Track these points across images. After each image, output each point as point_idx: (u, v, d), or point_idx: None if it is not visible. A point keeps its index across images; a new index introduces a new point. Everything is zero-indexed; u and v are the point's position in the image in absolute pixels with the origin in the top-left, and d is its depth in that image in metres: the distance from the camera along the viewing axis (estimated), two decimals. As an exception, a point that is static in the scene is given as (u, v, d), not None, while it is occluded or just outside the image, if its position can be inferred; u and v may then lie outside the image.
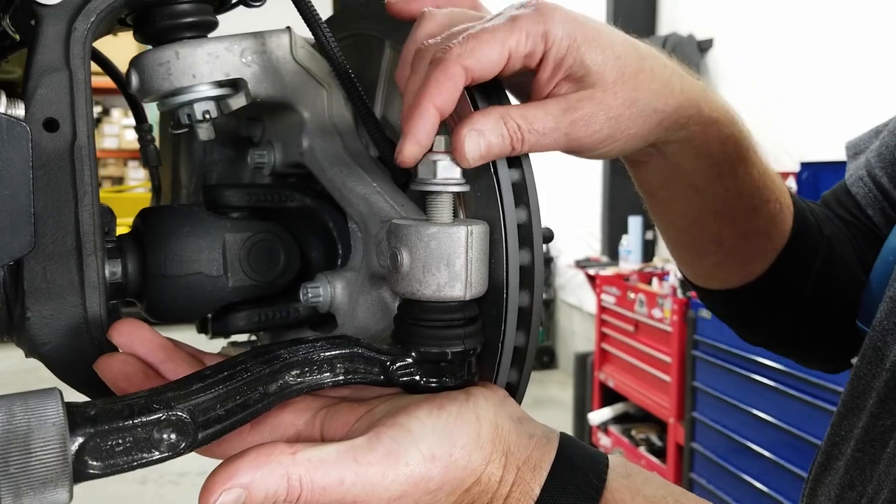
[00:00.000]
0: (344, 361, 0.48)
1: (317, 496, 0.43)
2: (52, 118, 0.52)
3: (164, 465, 1.25)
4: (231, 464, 0.43)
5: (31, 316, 0.52)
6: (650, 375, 4.16)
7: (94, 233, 0.54)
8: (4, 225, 0.43)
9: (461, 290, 0.49)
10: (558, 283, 7.03)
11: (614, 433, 4.62)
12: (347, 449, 0.44)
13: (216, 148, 0.74)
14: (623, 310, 4.42)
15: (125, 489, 4.36)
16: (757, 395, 3.23)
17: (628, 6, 5.47)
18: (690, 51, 4.73)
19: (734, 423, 3.42)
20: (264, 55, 0.61)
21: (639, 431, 4.56)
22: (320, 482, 0.43)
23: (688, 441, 3.79)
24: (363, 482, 0.44)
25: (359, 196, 0.59)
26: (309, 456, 0.44)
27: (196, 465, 4.59)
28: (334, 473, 0.43)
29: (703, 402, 3.68)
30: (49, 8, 0.51)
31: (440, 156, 0.49)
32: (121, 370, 0.48)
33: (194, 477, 4.50)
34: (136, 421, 0.40)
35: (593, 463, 0.49)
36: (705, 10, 4.81)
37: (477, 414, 0.48)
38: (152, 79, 0.59)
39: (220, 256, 0.60)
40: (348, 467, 0.44)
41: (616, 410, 4.80)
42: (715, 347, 3.51)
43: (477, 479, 0.47)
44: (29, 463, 0.36)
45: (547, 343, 7.08)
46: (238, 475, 0.42)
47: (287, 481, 0.43)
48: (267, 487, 0.43)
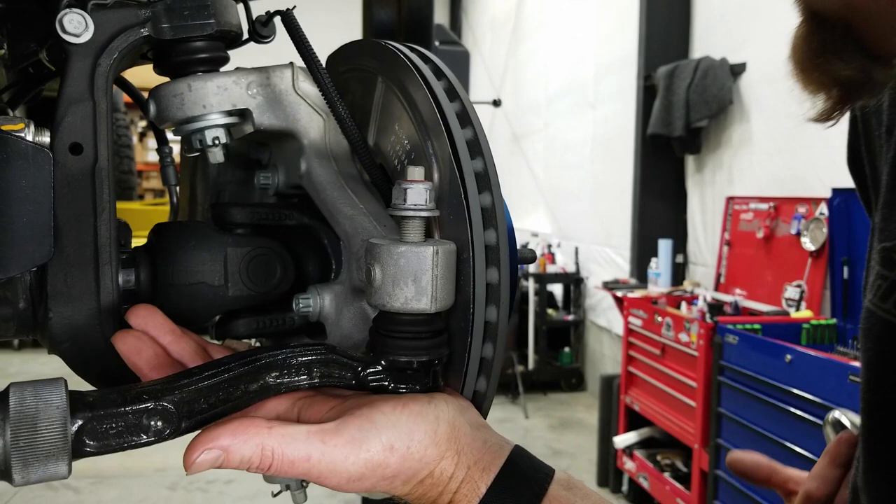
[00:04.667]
0: (320, 366, 0.54)
1: (286, 467, 0.50)
2: (77, 143, 0.59)
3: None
4: (214, 429, 0.49)
5: (52, 316, 0.59)
6: (676, 400, 4.13)
7: (110, 244, 0.61)
8: (28, 236, 0.50)
9: (427, 304, 0.54)
10: (588, 305, 7.01)
11: (639, 458, 4.59)
12: (317, 430, 0.51)
13: (229, 169, 0.81)
14: (650, 333, 4.40)
15: (156, 494, 4.47)
16: (784, 424, 3.19)
17: (661, 29, 5.49)
18: (723, 75, 4.73)
19: (759, 451, 3.37)
20: (268, 88, 0.68)
21: (664, 457, 4.52)
22: (290, 455, 0.49)
23: (712, 468, 3.75)
24: (328, 460, 0.50)
25: (346, 216, 0.65)
26: (283, 432, 0.50)
27: (224, 473, 4.65)
28: (303, 449, 0.49)
29: (729, 428, 3.64)
30: (76, 46, 0.59)
31: (411, 184, 0.55)
32: (134, 344, 0.56)
33: (222, 485, 4.60)
34: (127, 408, 0.46)
35: (538, 473, 0.54)
36: (740, 33, 4.81)
37: (437, 415, 0.53)
38: (168, 108, 0.66)
39: (221, 268, 0.66)
40: (316, 446, 0.50)
41: (642, 435, 4.77)
42: (741, 373, 3.48)
43: (430, 472, 0.52)
44: (35, 439, 0.42)
45: (575, 365, 7.05)
46: (219, 439, 0.49)
47: (261, 450, 0.49)
48: (242, 453, 0.49)
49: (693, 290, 4.89)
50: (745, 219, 4.65)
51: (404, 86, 0.64)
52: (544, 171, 8.38)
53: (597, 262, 6.87)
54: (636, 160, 5.73)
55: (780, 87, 4.40)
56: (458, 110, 0.62)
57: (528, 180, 8.81)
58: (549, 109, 8.11)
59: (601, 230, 6.80)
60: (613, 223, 6.44)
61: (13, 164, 0.49)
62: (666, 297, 4.71)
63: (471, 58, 11.31)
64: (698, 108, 4.84)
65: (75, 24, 0.58)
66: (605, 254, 6.71)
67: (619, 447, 4.78)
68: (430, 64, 0.66)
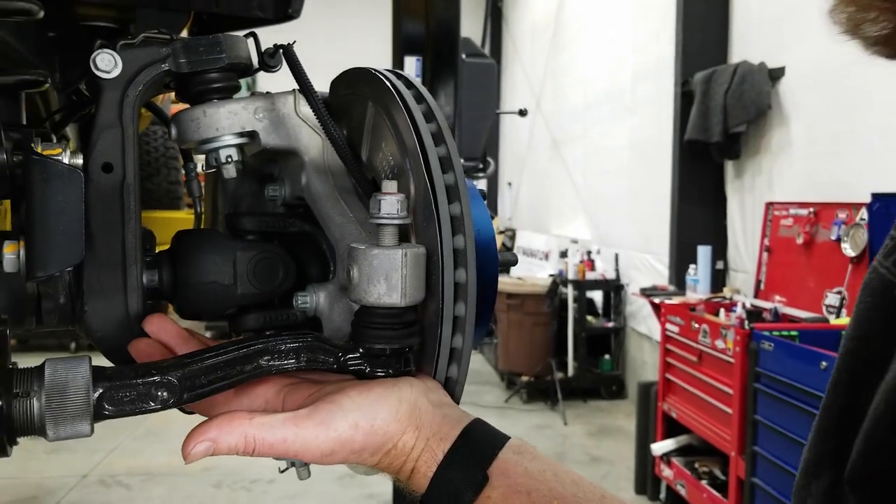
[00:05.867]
0: (306, 352, 0.63)
1: (266, 450, 0.60)
2: (108, 162, 0.70)
3: (239, 472, 1.46)
4: (204, 425, 0.60)
5: (87, 310, 0.70)
6: (712, 407, 4.11)
7: (136, 249, 0.71)
8: (64, 242, 0.61)
9: (398, 299, 0.63)
10: (629, 312, 6.98)
11: (677, 465, 4.57)
12: (292, 416, 0.61)
13: (245, 182, 0.91)
14: (687, 340, 4.39)
15: (202, 492, 4.65)
16: (821, 432, 3.16)
17: (700, 34, 5.47)
18: (761, 79, 4.70)
19: (797, 459, 3.34)
20: (273, 112, 0.78)
21: (702, 464, 4.49)
22: (269, 439, 0.59)
23: (748, 476, 3.73)
24: (301, 441, 0.59)
25: (336, 224, 0.74)
26: (262, 421, 0.60)
27: (267, 473, 4.82)
28: (280, 433, 0.59)
29: (765, 436, 3.62)
30: (107, 80, 0.70)
31: (385, 196, 0.64)
32: (144, 350, 0.66)
33: (265, 484, 4.75)
34: (139, 381, 0.56)
35: (492, 439, 0.62)
36: (778, 38, 4.77)
37: (399, 396, 0.62)
38: (186, 131, 0.76)
39: (231, 269, 0.76)
40: (290, 430, 0.60)
41: (679, 442, 4.74)
42: (777, 380, 3.46)
43: (394, 445, 0.61)
44: (64, 404, 0.53)
45: (615, 372, 7.01)
46: (208, 432, 0.59)
47: (244, 438, 0.59)
48: (229, 442, 0.59)
49: (732, 296, 4.85)
50: (784, 224, 4.60)
51: (389, 109, 0.72)
52: (584, 177, 8.39)
53: (637, 268, 6.85)
54: (674, 166, 5.71)
55: (820, 91, 4.36)
56: (434, 130, 0.70)
57: (567, 187, 8.82)
58: (589, 115, 8.13)
59: (641, 236, 6.78)
60: (653, 229, 6.42)
61: (52, 182, 0.60)
62: (704, 303, 4.69)
63: (511, 66, 11.41)
64: (736, 114, 4.81)
65: (106, 62, 0.69)
66: (645, 260, 6.69)
67: (656, 454, 4.77)
68: (413, 90, 0.75)
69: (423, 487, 0.61)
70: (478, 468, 0.59)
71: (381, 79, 0.75)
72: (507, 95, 11.58)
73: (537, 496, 0.58)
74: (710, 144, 5.09)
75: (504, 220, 11.14)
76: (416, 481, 0.62)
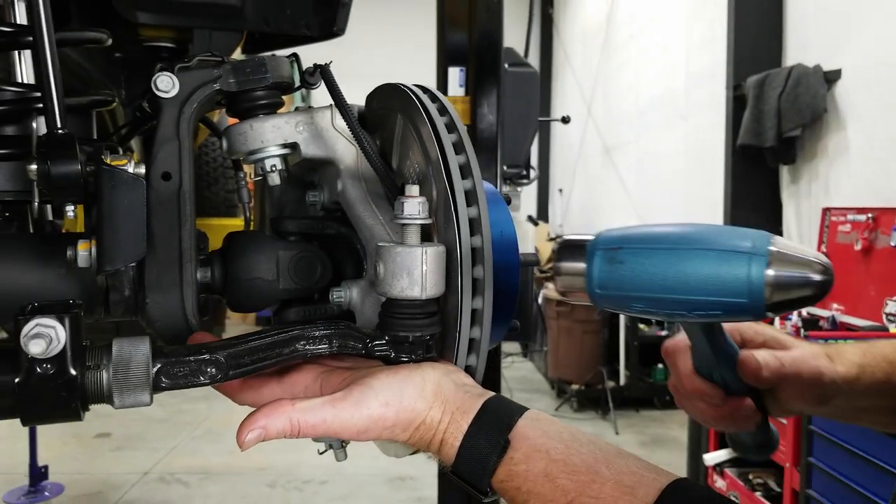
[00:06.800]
0: (337, 338, 0.70)
1: (309, 430, 0.67)
2: (167, 171, 0.79)
3: (292, 472, 1.58)
4: (253, 415, 0.68)
5: (148, 302, 0.79)
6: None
7: (191, 248, 0.80)
8: (128, 240, 0.70)
9: (419, 292, 0.70)
10: (682, 319, 6.88)
11: (730, 476, 4.50)
12: (329, 399, 0.68)
13: (289, 189, 0.99)
14: (738, 347, 4.33)
15: (257, 491, 4.80)
16: (879, 444, 3.09)
17: (752, 36, 5.39)
18: (816, 82, 4.60)
19: (854, 471, 3.26)
20: (312, 125, 0.86)
21: (756, 476, 4.41)
22: (311, 421, 0.67)
23: (803, 488, 3.65)
24: (339, 420, 0.67)
25: (367, 226, 0.82)
26: (303, 405, 0.68)
27: (319, 474, 4.94)
28: (319, 415, 0.67)
29: (821, 447, 3.54)
30: (166, 99, 0.79)
31: (407, 199, 0.71)
32: (198, 339, 0.75)
33: (317, 485, 4.88)
34: (191, 358, 0.65)
35: (510, 410, 0.68)
36: (835, 40, 4.67)
37: (423, 377, 0.69)
38: (235, 143, 0.85)
39: (274, 267, 0.85)
40: (328, 411, 0.67)
41: (732, 452, 4.67)
42: (831, 389, 3.39)
43: (423, 421, 0.68)
44: (128, 376, 0.62)
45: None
46: (257, 421, 0.67)
47: (289, 422, 0.67)
48: (277, 427, 0.67)
49: (787, 303, 4.75)
50: (842, 230, 4.49)
51: (415, 121, 0.80)
52: (636, 183, 8.32)
53: (690, 275, 6.75)
54: (727, 171, 5.63)
55: (878, 93, 4.25)
56: (455, 140, 0.77)
57: (619, 194, 8.76)
58: (641, 121, 8.06)
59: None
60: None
61: (118, 189, 0.70)
62: (757, 310, 4.61)
63: (561, 72, 11.40)
64: (790, 118, 4.73)
65: (165, 83, 0.79)
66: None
67: (709, 464, 4.69)
68: (437, 103, 0.82)
69: (452, 457, 0.68)
70: (500, 434, 0.66)
71: (408, 93, 0.82)
72: (558, 102, 11.57)
73: (556, 453, 0.64)
74: (763, 149, 5.01)
75: (555, 226, 11.12)
76: (445, 452, 0.68)
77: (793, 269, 0.56)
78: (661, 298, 0.61)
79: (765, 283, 0.56)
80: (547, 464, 0.63)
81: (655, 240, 0.62)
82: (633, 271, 0.61)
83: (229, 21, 1.29)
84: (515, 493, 0.64)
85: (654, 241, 0.61)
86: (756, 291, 0.56)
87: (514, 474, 0.64)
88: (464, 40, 2.62)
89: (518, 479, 0.64)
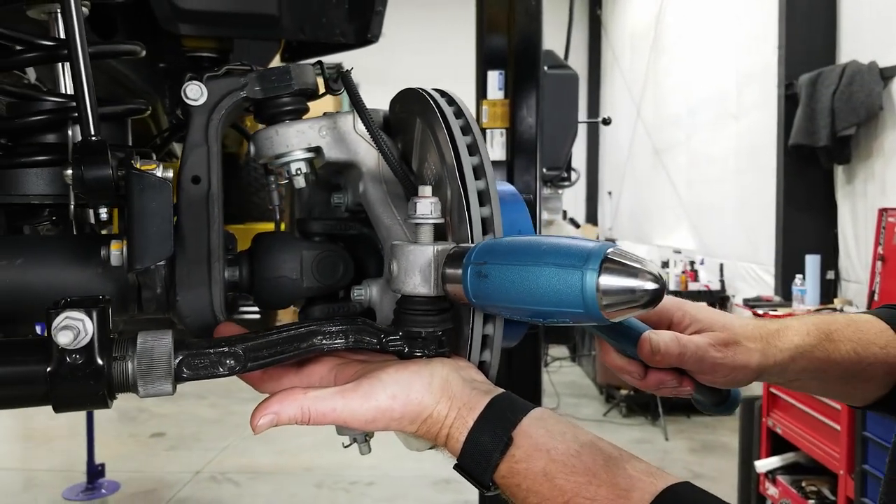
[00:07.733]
0: (353, 333, 0.73)
1: (319, 418, 0.70)
2: (196, 175, 0.83)
3: (339, 473, 1.64)
4: (267, 401, 0.71)
5: (179, 299, 0.84)
6: (819, 423, 3.92)
7: (219, 248, 0.84)
8: (156, 240, 0.75)
9: (430, 289, 0.72)
10: (734, 324, 6.72)
11: (783, 483, 4.38)
12: (339, 390, 0.71)
13: (316, 192, 1.03)
14: (791, 352, 4.21)
15: (304, 491, 4.89)
16: (940, 452, 2.97)
17: (805, 32, 5.25)
18: (871, 79, 4.46)
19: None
20: (334, 130, 0.89)
21: (809, 483, 4.28)
22: (321, 409, 0.70)
23: (858, 496, 3.53)
24: (348, 409, 0.70)
25: (385, 226, 0.85)
26: (315, 394, 0.71)
27: (366, 475, 4.99)
28: (329, 404, 0.70)
29: (875, 454, 3.42)
30: (195, 107, 0.83)
31: (420, 199, 0.73)
32: (224, 331, 0.78)
33: (363, 486, 4.93)
34: (212, 350, 0.69)
35: (516, 408, 0.70)
36: (892, 34, 4.51)
37: (431, 372, 0.71)
38: (262, 148, 0.89)
39: (298, 266, 0.89)
40: (338, 401, 0.70)
41: (786, 459, 4.54)
42: (887, 395, 3.27)
43: (430, 414, 0.70)
44: (151, 366, 0.66)
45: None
46: (270, 407, 0.70)
47: (300, 409, 0.70)
48: (288, 413, 0.70)
49: (843, 308, 4.60)
50: (900, 231, 4.33)
51: (431, 124, 0.82)
52: (687, 185, 8.17)
53: (743, 279, 6.60)
54: (779, 171, 5.49)
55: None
56: (469, 142, 0.79)
57: (669, 195, 8.62)
58: (691, 121, 7.92)
59: (747, 246, 6.53)
60: (760, 238, 6.17)
61: (146, 192, 0.74)
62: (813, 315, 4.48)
63: (610, 73, 11.27)
64: (844, 116, 4.59)
65: (194, 91, 0.83)
66: (751, 270, 6.44)
67: (760, 471, 4.58)
68: (454, 107, 0.84)
69: (458, 451, 0.70)
70: (504, 432, 0.67)
71: (426, 97, 0.84)
72: (607, 103, 11.45)
73: (556, 453, 0.65)
74: (817, 149, 4.87)
75: (604, 230, 11.00)
76: (451, 446, 0.71)
77: (623, 278, 0.60)
78: (520, 308, 0.67)
79: (596, 293, 0.60)
80: (546, 463, 0.65)
81: (512, 254, 0.67)
82: (495, 284, 0.67)
83: (267, 30, 1.33)
84: (515, 489, 0.66)
85: (511, 255, 0.67)
86: (590, 301, 0.61)
87: (515, 471, 0.66)
88: (503, 44, 2.63)
89: (518, 477, 0.66)
